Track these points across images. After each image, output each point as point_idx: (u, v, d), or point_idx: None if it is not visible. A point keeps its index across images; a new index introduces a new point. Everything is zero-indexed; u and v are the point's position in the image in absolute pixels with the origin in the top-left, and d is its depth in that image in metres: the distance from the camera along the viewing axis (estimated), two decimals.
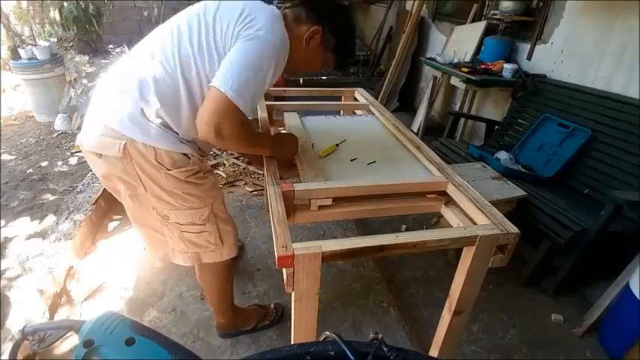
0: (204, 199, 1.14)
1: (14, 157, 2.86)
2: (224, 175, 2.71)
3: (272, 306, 1.65)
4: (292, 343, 1.01)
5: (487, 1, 3.26)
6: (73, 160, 2.82)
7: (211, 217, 1.18)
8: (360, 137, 1.54)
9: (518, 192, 1.82)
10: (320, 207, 1.12)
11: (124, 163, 1.04)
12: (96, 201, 2.18)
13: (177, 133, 1.06)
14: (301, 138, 1.42)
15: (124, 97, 1.01)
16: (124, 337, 0.49)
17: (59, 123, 3.24)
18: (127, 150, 1.01)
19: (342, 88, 2.11)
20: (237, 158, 2.93)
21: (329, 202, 1.12)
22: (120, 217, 2.29)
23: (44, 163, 2.77)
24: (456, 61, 3.11)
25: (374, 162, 1.32)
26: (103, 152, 1.04)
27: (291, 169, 1.29)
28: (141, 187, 1.09)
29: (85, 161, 1.21)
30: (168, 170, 1.05)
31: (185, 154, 1.08)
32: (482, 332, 1.66)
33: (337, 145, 1.40)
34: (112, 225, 2.22)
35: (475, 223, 1.04)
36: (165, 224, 1.17)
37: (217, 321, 1.54)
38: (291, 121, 1.64)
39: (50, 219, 2.12)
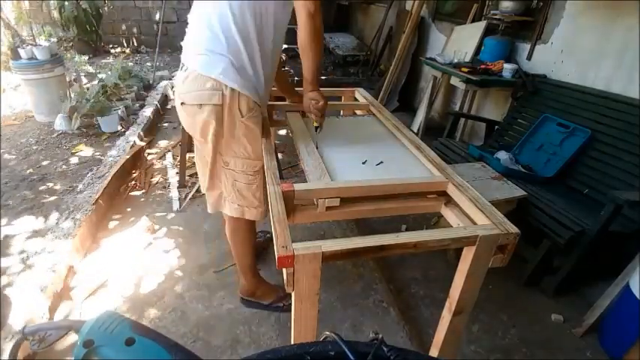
0: (260, 154, 1.35)
1: (14, 157, 2.86)
2: None
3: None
4: (292, 343, 1.01)
5: (487, 1, 3.26)
6: (73, 160, 2.82)
7: (261, 172, 1.39)
8: (361, 138, 1.54)
9: (518, 192, 1.82)
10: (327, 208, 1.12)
11: (217, 110, 1.25)
12: (96, 201, 2.18)
13: (254, 79, 1.30)
14: (305, 139, 1.42)
15: (215, 55, 1.23)
16: (124, 337, 0.49)
17: (59, 123, 3.24)
18: (224, 98, 1.24)
19: (342, 88, 2.11)
20: None
21: (336, 202, 1.12)
22: (120, 216, 2.29)
23: (44, 163, 2.77)
24: (455, 61, 3.10)
25: (381, 162, 1.32)
26: (204, 102, 1.26)
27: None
28: (221, 131, 1.30)
29: (85, 161, 1.25)
30: (242, 117, 1.28)
31: (256, 103, 1.31)
32: (483, 332, 1.66)
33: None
34: (112, 224, 2.22)
35: (475, 223, 1.04)
36: (225, 169, 1.39)
37: (241, 283, 1.71)
38: (294, 121, 1.64)
39: (50, 219, 2.12)
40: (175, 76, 1.43)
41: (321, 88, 1.36)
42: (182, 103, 1.31)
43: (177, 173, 2.30)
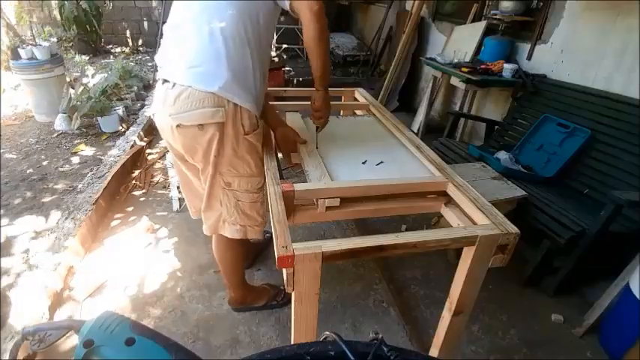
0: (262, 169, 1.30)
1: (14, 157, 2.86)
2: None
3: (282, 287, 1.70)
4: (292, 343, 1.01)
5: (487, 1, 3.26)
6: (73, 160, 2.82)
7: (264, 187, 1.32)
8: (361, 138, 1.54)
9: (519, 192, 1.82)
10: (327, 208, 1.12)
11: (220, 128, 1.17)
12: (96, 201, 2.18)
13: (254, 91, 1.21)
14: (305, 139, 1.42)
15: (213, 67, 1.13)
16: (124, 337, 0.49)
17: (59, 123, 3.24)
18: (227, 114, 1.15)
19: (342, 88, 2.11)
20: None
21: (336, 202, 1.12)
22: (120, 216, 2.29)
23: (44, 163, 2.77)
24: (456, 61, 3.10)
25: (381, 162, 1.32)
26: (206, 122, 1.15)
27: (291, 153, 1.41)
28: (223, 150, 1.21)
29: (85, 161, 1.23)
30: (246, 134, 1.21)
31: (256, 117, 1.24)
32: (483, 332, 1.66)
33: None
34: (112, 224, 2.22)
35: (475, 223, 1.04)
36: (225, 191, 1.29)
37: (229, 295, 1.67)
38: (294, 121, 1.64)
39: (50, 219, 2.12)
40: (156, 95, 1.26)
41: None
42: (178, 126, 1.17)
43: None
